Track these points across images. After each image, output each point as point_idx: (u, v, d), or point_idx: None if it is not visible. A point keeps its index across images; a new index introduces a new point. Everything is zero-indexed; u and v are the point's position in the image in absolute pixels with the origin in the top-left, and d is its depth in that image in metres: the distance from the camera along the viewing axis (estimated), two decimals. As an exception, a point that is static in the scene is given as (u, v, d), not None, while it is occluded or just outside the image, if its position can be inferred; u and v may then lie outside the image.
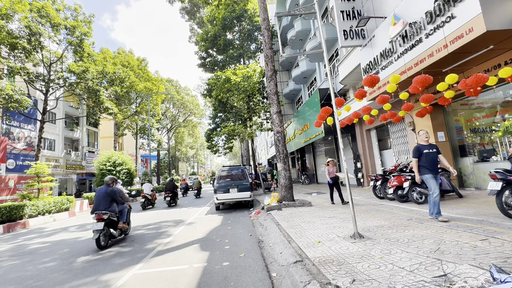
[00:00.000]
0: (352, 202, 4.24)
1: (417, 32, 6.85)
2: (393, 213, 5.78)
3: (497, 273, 2.16)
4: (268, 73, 9.55)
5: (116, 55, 29.66)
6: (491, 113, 7.48)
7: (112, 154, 18.02)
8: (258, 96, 18.27)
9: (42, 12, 17.00)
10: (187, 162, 66.72)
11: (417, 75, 6.69)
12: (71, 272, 4.09)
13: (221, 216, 8.84)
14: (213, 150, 24.15)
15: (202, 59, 26.61)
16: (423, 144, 4.89)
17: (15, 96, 15.51)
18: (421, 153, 4.80)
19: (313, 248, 3.76)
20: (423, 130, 5.03)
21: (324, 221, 5.60)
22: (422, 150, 4.81)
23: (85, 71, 19.18)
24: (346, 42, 9.48)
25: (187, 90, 44.94)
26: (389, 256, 3.14)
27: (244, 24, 23.43)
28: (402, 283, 2.41)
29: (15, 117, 20.16)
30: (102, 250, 5.27)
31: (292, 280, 2.95)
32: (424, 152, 4.78)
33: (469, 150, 8.25)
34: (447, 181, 6.79)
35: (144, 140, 38.67)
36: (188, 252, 4.77)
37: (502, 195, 4.27)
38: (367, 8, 9.52)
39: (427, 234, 3.92)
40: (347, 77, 11.75)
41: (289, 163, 9.24)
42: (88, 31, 19.50)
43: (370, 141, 12.94)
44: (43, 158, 22.29)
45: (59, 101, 22.52)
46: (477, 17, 5.20)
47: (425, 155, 4.77)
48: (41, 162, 14.43)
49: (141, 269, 4.00)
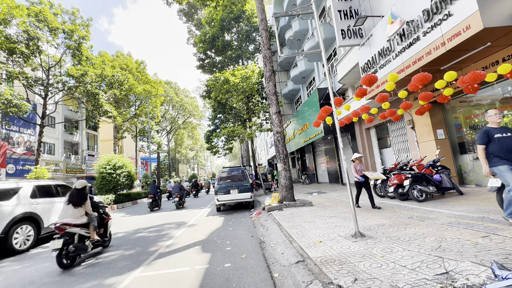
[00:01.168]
0: (352, 201, 4.25)
1: (415, 31, 6.87)
2: (394, 212, 5.79)
3: (499, 269, 2.16)
4: (266, 74, 9.56)
5: (115, 58, 29.65)
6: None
7: (112, 157, 18.02)
8: (257, 96, 18.28)
9: (40, 16, 17.02)
10: (187, 164, 66.68)
11: (415, 73, 6.71)
12: (73, 276, 4.09)
13: (222, 217, 8.84)
14: (213, 151, 24.17)
15: (201, 61, 26.64)
16: (494, 127, 3.92)
17: (14, 101, 15.52)
18: (491, 138, 3.85)
19: (314, 248, 3.76)
20: (493, 109, 4.05)
21: (325, 221, 5.60)
22: (492, 134, 3.85)
23: (84, 74, 19.19)
24: (344, 42, 9.50)
25: (186, 92, 44.94)
26: (391, 255, 3.15)
27: (242, 25, 23.46)
28: (404, 281, 2.41)
29: (15, 121, 20.14)
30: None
31: (294, 280, 2.95)
32: (496, 137, 3.82)
33: (469, 147, 8.26)
34: (447, 179, 6.79)
35: (144, 142, 38.65)
36: (189, 254, 4.77)
37: (502, 192, 4.28)
38: (364, 7, 9.54)
39: (428, 232, 3.92)
40: (345, 76, 11.77)
41: (289, 163, 9.24)
42: (86, 35, 19.53)
43: (370, 140, 12.95)
44: (43, 163, 22.27)
45: (58, 105, 22.53)
46: (474, 15, 5.22)
47: (497, 140, 3.81)
48: (41, 167, 14.44)
49: (143, 272, 4.00)
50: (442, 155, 7.93)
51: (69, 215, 4.76)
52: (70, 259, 4.63)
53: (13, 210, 6.12)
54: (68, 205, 4.84)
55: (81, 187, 5.06)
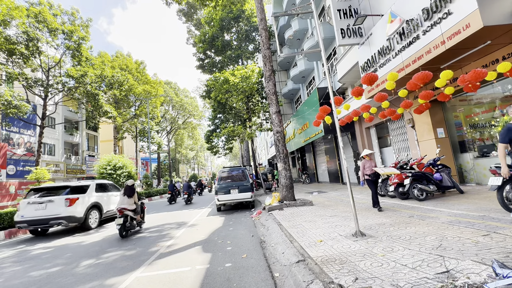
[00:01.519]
0: (353, 200, 4.24)
1: (414, 29, 6.86)
2: (394, 211, 5.78)
3: (500, 268, 2.16)
4: (266, 73, 9.56)
5: (114, 59, 29.67)
6: (490, 108, 7.49)
7: (112, 158, 18.04)
8: (257, 96, 18.28)
9: (40, 17, 17.02)
10: (188, 164, 66.70)
11: (415, 72, 6.71)
12: (74, 277, 4.09)
13: (223, 217, 8.84)
14: (213, 151, 24.17)
15: (201, 61, 26.63)
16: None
17: (14, 102, 15.53)
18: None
19: (315, 247, 3.76)
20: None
21: (326, 220, 5.60)
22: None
23: (84, 75, 19.19)
24: (344, 41, 9.49)
25: (186, 92, 44.96)
26: (391, 254, 3.14)
27: (242, 24, 23.44)
28: (405, 280, 2.41)
29: (15, 122, 20.16)
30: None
31: (294, 280, 2.95)
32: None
33: (469, 145, 8.26)
34: (447, 177, 6.79)
35: (144, 143, 38.66)
36: (190, 254, 4.77)
37: (503, 190, 4.27)
38: (363, 6, 9.53)
39: (429, 230, 3.92)
40: (345, 75, 11.76)
41: (289, 162, 9.24)
42: (85, 35, 19.52)
43: (370, 139, 12.95)
44: (43, 163, 22.28)
45: (58, 106, 22.53)
46: (473, 13, 5.21)
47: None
48: (41, 167, 14.43)
49: (144, 272, 4.00)
50: (443, 154, 7.93)
51: (125, 203, 7.04)
52: (125, 232, 6.75)
53: (88, 200, 8.71)
54: (124, 196, 7.13)
55: (131, 184, 7.31)
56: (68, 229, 9.01)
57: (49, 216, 7.71)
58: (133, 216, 7.13)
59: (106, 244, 6.23)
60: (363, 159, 6.26)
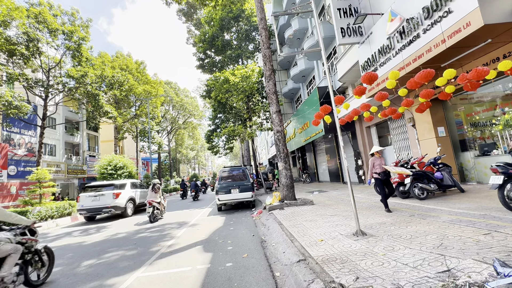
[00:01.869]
0: (353, 199, 4.24)
1: (415, 28, 6.85)
2: (395, 210, 5.77)
3: (501, 267, 2.15)
4: (266, 73, 9.55)
5: (115, 59, 29.68)
6: (491, 107, 7.47)
7: (113, 158, 18.05)
8: (257, 96, 18.26)
9: (40, 18, 17.00)
10: (188, 164, 66.73)
11: (415, 70, 6.70)
12: (75, 277, 4.10)
13: (223, 217, 8.85)
14: (214, 151, 24.17)
15: (201, 61, 26.62)
16: None
17: (14, 103, 15.53)
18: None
19: (316, 247, 3.76)
20: None
21: (327, 219, 5.60)
22: None
23: (84, 75, 19.17)
24: (344, 40, 9.47)
25: (186, 92, 44.94)
26: (392, 253, 3.14)
27: (242, 24, 23.42)
28: (406, 280, 2.41)
29: (15, 123, 20.18)
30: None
31: (295, 279, 2.95)
32: None
33: (470, 144, 8.24)
34: (448, 176, 6.77)
35: (144, 143, 38.66)
36: (191, 253, 4.78)
37: (504, 189, 4.27)
38: (364, 5, 9.51)
39: (429, 229, 3.91)
40: (345, 74, 11.74)
41: (290, 162, 9.24)
42: (85, 36, 19.50)
43: (371, 138, 12.93)
44: (44, 164, 22.30)
45: (58, 106, 22.53)
46: (474, 11, 5.19)
47: None
48: (42, 168, 14.44)
49: (145, 272, 4.00)
50: (443, 152, 7.91)
51: (153, 196, 9.31)
52: (153, 219, 8.90)
53: (126, 194, 11.27)
54: (152, 191, 9.42)
55: (156, 183, 9.74)
56: (112, 216, 11.48)
57: (101, 205, 10.38)
58: (158, 207, 9.34)
59: (107, 244, 6.24)
60: (372, 156, 5.94)
